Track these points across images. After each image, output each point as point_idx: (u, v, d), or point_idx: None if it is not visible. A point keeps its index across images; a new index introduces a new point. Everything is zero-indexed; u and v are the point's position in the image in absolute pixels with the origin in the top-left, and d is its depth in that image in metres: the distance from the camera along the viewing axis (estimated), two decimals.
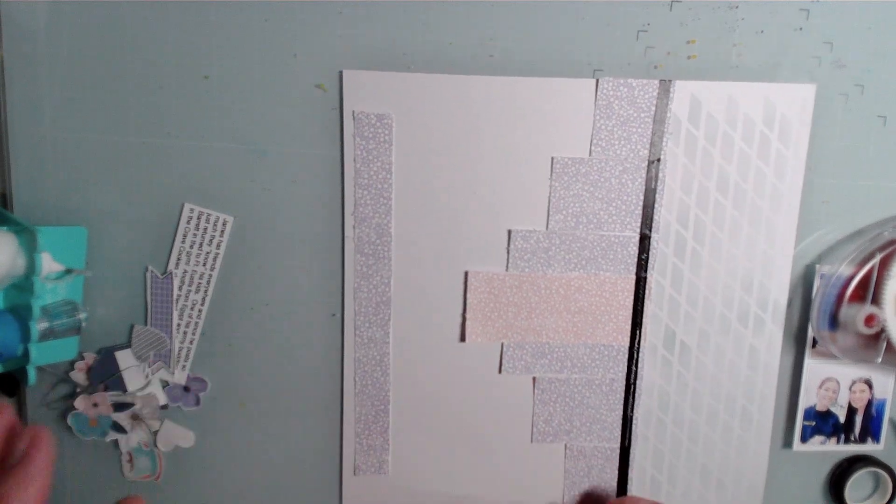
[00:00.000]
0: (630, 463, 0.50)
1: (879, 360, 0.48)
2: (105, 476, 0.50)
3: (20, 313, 0.43)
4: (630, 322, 0.48)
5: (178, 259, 0.47)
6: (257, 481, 0.51)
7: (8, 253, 0.41)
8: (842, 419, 0.51)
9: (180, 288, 0.47)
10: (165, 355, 0.48)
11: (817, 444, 0.51)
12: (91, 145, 0.45)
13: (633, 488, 0.50)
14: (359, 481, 0.50)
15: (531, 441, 0.50)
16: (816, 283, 0.48)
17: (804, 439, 0.50)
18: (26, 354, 0.43)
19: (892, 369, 0.50)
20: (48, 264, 0.43)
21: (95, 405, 0.48)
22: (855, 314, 0.47)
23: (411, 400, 0.49)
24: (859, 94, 0.47)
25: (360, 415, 0.49)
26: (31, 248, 0.42)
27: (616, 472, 0.50)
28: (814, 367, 0.50)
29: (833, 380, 0.50)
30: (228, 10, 0.44)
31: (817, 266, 0.48)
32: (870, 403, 0.51)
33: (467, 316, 0.48)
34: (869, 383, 0.51)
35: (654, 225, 0.47)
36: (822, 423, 0.51)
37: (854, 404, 0.51)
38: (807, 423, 0.50)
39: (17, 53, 0.44)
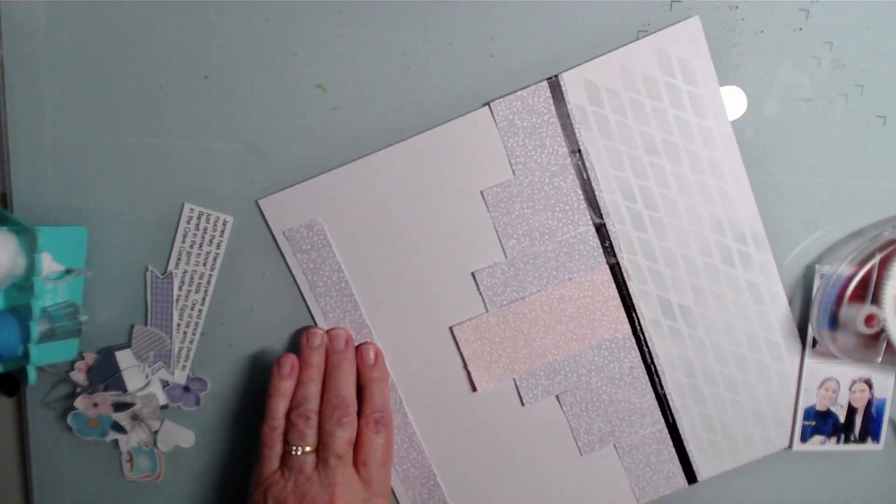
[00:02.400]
0: (682, 437, 0.50)
1: (879, 360, 0.48)
2: (105, 476, 0.50)
3: (20, 313, 0.43)
4: (622, 309, 0.48)
5: (178, 259, 0.47)
6: None
7: (8, 253, 0.41)
8: (842, 419, 0.51)
9: (180, 288, 0.47)
10: (165, 355, 0.48)
11: (817, 443, 0.51)
12: (91, 145, 0.45)
13: (696, 458, 0.50)
14: None
15: (581, 455, 0.50)
16: (816, 283, 0.48)
17: (804, 439, 0.50)
18: (26, 355, 0.43)
19: (892, 369, 0.50)
20: (48, 264, 0.43)
21: (95, 405, 0.48)
22: (855, 314, 0.47)
23: (452, 461, 0.50)
24: (859, 94, 0.47)
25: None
26: (31, 249, 0.42)
27: (673, 450, 0.50)
28: (814, 367, 0.50)
29: (833, 380, 0.50)
30: (228, 10, 0.44)
31: (817, 266, 0.48)
32: (870, 403, 0.51)
33: (470, 368, 0.48)
34: (869, 383, 0.51)
35: (603, 211, 0.46)
36: (822, 422, 0.51)
37: (854, 404, 0.51)
38: (807, 422, 0.50)
39: (17, 53, 0.44)
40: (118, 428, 0.48)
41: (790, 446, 0.51)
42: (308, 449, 0.44)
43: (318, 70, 0.45)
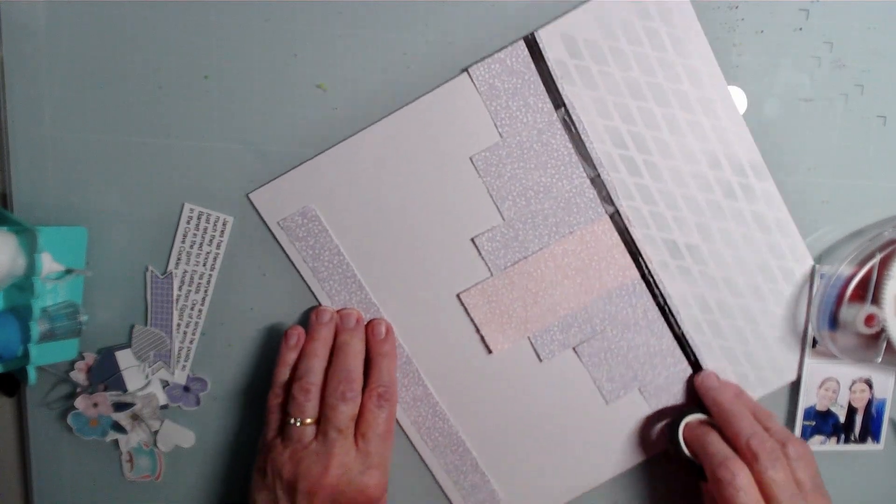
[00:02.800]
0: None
1: (879, 360, 0.48)
2: (105, 476, 0.50)
3: (20, 313, 0.43)
4: (628, 255, 0.47)
5: (178, 259, 0.47)
6: None
7: (8, 253, 0.41)
8: (842, 419, 0.51)
9: (180, 288, 0.47)
10: (165, 355, 0.48)
11: (817, 443, 0.51)
12: (91, 145, 0.45)
13: None
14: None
15: (607, 404, 0.49)
16: (816, 283, 0.48)
17: (804, 439, 0.50)
18: (26, 355, 0.43)
19: (892, 369, 0.50)
20: (48, 264, 0.43)
21: (95, 405, 0.48)
22: (855, 314, 0.47)
23: (478, 425, 0.50)
24: (859, 94, 0.47)
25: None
26: (31, 248, 0.42)
27: None
28: (814, 367, 0.50)
29: (833, 380, 0.50)
30: (228, 10, 0.44)
31: (817, 266, 0.48)
32: (870, 403, 0.51)
33: (483, 332, 0.48)
34: (869, 383, 0.51)
35: (595, 162, 0.46)
36: (822, 422, 0.51)
37: (854, 404, 0.51)
38: (807, 422, 0.50)
39: (17, 53, 0.44)
40: (118, 428, 0.48)
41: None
42: (308, 421, 0.44)
43: (318, 70, 0.45)
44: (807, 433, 0.51)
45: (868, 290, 0.47)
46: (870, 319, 0.46)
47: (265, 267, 0.47)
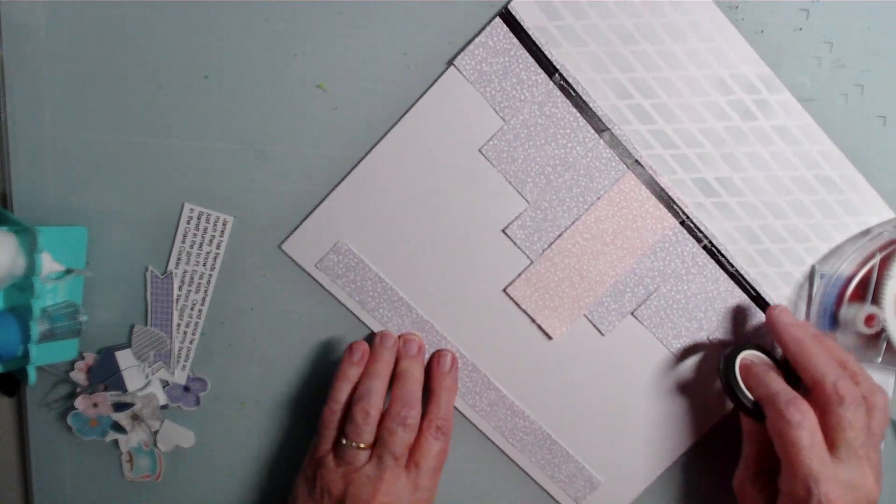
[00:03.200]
0: (771, 303, 0.48)
1: (879, 360, 0.48)
2: (105, 476, 0.50)
3: (20, 313, 0.43)
4: (661, 206, 0.46)
5: (178, 259, 0.47)
6: (257, 481, 0.51)
7: (8, 253, 0.41)
8: None
9: (180, 288, 0.47)
10: (165, 355, 0.48)
11: None
12: (91, 145, 0.45)
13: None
14: None
15: (678, 363, 0.49)
16: (816, 283, 0.48)
17: None
18: (26, 355, 0.43)
19: (892, 369, 0.50)
20: (48, 264, 0.43)
21: (95, 405, 0.48)
22: (855, 314, 0.47)
23: (558, 414, 0.49)
24: (859, 94, 0.47)
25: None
26: (31, 248, 0.42)
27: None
28: None
29: None
30: (228, 10, 0.44)
31: (817, 266, 0.48)
32: None
33: (538, 321, 0.48)
34: None
35: (604, 119, 0.45)
36: None
37: None
38: None
39: (17, 53, 0.44)
40: (118, 428, 0.49)
41: None
42: (363, 445, 0.43)
43: (318, 70, 0.45)
44: None
45: (868, 290, 0.47)
46: (870, 319, 0.46)
47: (265, 267, 0.47)
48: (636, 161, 0.46)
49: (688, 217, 0.47)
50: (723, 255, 0.47)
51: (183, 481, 0.50)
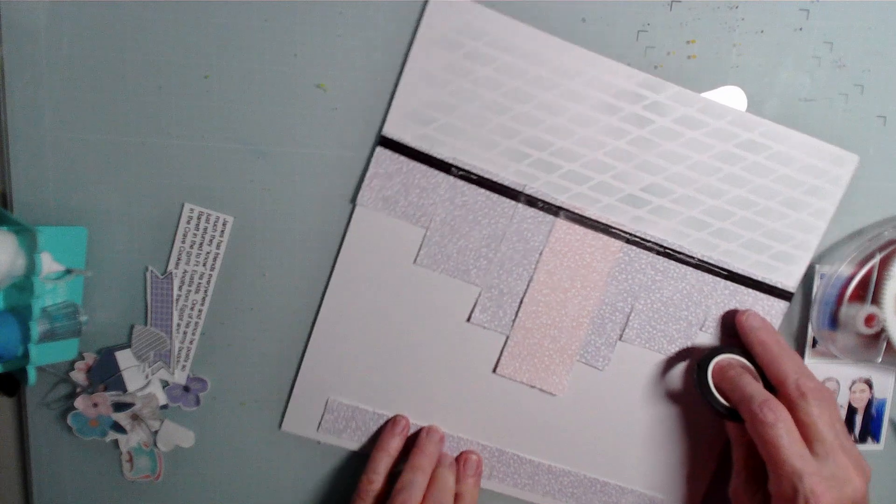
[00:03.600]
0: (745, 272, 0.48)
1: (879, 360, 0.48)
2: (105, 476, 0.50)
3: (20, 313, 0.43)
4: (601, 234, 0.47)
5: (178, 259, 0.47)
6: (257, 481, 0.51)
7: (8, 253, 0.41)
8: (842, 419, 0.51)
9: (180, 288, 0.47)
10: (165, 355, 0.48)
11: None
12: (91, 145, 0.45)
13: (772, 278, 0.48)
14: None
15: (680, 366, 0.49)
16: (816, 283, 0.48)
17: None
18: (26, 355, 0.43)
19: (892, 369, 0.50)
20: (48, 264, 0.43)
21: (95, 405, 0.48)
22: (855, 314, 0.47)
23: (595, 458, 0.50)
24: (859, 94, 0.47)
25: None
26: (31, 248, 0.42)
27: (751, 290, 0.48)
28: (814, 367, 0.50)
29: (833, 380, 0.50)
30: (228, 10, 0.44)
31: (817, 266, 0.48)
32: (870, 403, 0.51)
33: (538, 385, 0.49)
34: (869, 383, 0.51)
35: (514, 187, 0.46)
36: None
37: (854, 404, 0.51)
38: None
39: (17, 53, 0.44)
40: (118, 428, 0.49)
41: None
42: None
43: (318, 70, 0.45)
44: None
45: (868, 290, 0.47)
46: (870, 319, 0.46)
47: (265, 267, 0.47)
48: (559, 208, 0.47)
49: (630, 234, 0.47)
50: (679, 252, 0.47)
51: (183, 481, 0.50)
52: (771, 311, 0.48)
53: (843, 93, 0.47)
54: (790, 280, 0.48)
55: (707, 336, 0.49)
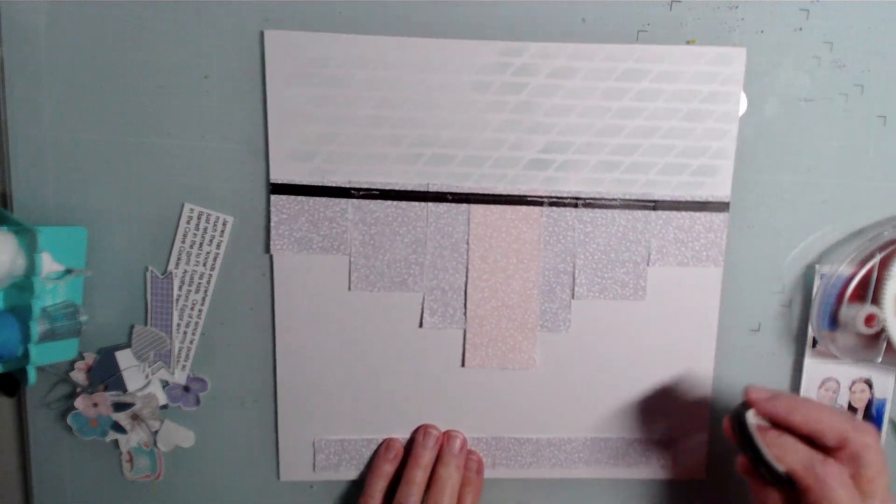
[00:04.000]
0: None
1: (879, 360, 0.48)
2: (105, 476, 0.50)
3: (20, 313, 0.43)
4: (518, 205, 0.47)
5: (178, 259, 0.47)
6: (257, 481, 0.51)
7: (8, 253, 0.41)
8: None
9: (180, 288, 0.47)
10: (165, 355, 0.48)
11: None
12: (91, 145, 0.45)
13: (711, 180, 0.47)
14: None
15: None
16: (816, 283, 0.48)
17: None
18: (26, 355, 0.43)
19: (892, 369, 0.50)
20: (48, 264, 0.43)
21: (95, 405, 0.48)
22: (855, 314, 0.47)
23: (590, 415, 0.50)
24: (859, 94, 0.47)
25: None
26: (31, 248, 0.42)
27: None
28: (814, 367, 0.50)
29: (833, 380, 0.50)
30: (228, 10, 0.44)
31: (817, 266, 0.48)
32: (870, 403, 0.51)
33: (510, 366, 0.49)
34: (869, 383, 0.51)
35: (416, 188, 0.46)
36: None
37: (854, 404, 0.51)
38: None
39: (17, 53, 0.44)
40: (118, 428, 0.49)
41: None
42: None
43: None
44: None
45: (868, 290, 0.47)
46: (870, 319, 0.46)
47: (265, 267, 0.47)
48: (469, 195, 0.47)
49: (546, 197, 0.47)
50: (600, 199, 0.47)
51: (183, 481, 0.50)
52: (713, 226, 0.48)
53: (843, 93, 0.47)
54: (720, 190, 0.47)
55: (657, 269, 0.48)
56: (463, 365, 0.49)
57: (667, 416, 0.50)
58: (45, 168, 0.45)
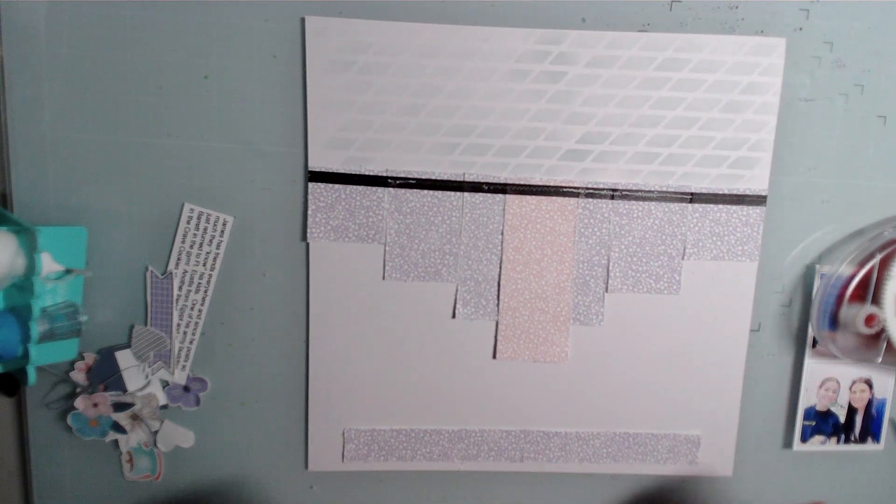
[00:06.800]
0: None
1: (879, 359, 0.48)
2: (105, 476, 0.50)
3: (20, 313, 0.43)
4: (554, 196, 0.47)
5: (178, 259, 0.47)
6: (257, 481, 0.51)
7: (8, 253, 0.41)
8: (842, 419, 0.51)
9: (180, 288, 0.47)
10: (165, 355, 0.48)
11: (817, 444, 0.51)
12: (91, 145, 0.45)
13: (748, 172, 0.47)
14: None
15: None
16: (816, 283, 0.48)
17: (804, 439, 0.50)
18: (26, 355, 0.43)
19: (892, 369, 0.50)
20: (48, 264, 0.43)
21: (95, 405, 0.48)
22: (855, 314, 0.47)
23: (618, 410, 0.50)
24: (859, 94, 0.47)
25: None
26: (31, 248, 0.42)
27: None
28: (814, 367, 0.50)
29: (833, 380, 0.50)
30: (228, 10, 0.44)
31: (817, 266, 0.48)
32: (870, 403, 0.51)
33: (542, 358, 0.49)
34: (869, 383, 0.51)
35: (453, 178, 0.46)
36: (822, 422, 0.51)
37: (854, 404, 0.51)
38: (807, 422, 0.50)
39: (17, 53, 0.44)
40: (118, 428, 0.48)
41: (790, 446, 0.51)
42: None
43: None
44: (807, 433, 0.51)
45: (868, 290, 0.47)
46: (870, 319, 0.46)
47: (265, 267, 0.47)
48: (505, 185, 0.46)
49: (582, 188, 0.47)
50: (636, 190, 0.47)
51: (183, 481, 0.50)
52: (749, 220, 0.47)
53: (843, 93, 0.47)
54: (758, 184, 0.47)
55: (692, 262, 0.48)
56: (494, 357, 0.48)
57: (696, 412, 0.50)
58: (45, 168, 0.45)
